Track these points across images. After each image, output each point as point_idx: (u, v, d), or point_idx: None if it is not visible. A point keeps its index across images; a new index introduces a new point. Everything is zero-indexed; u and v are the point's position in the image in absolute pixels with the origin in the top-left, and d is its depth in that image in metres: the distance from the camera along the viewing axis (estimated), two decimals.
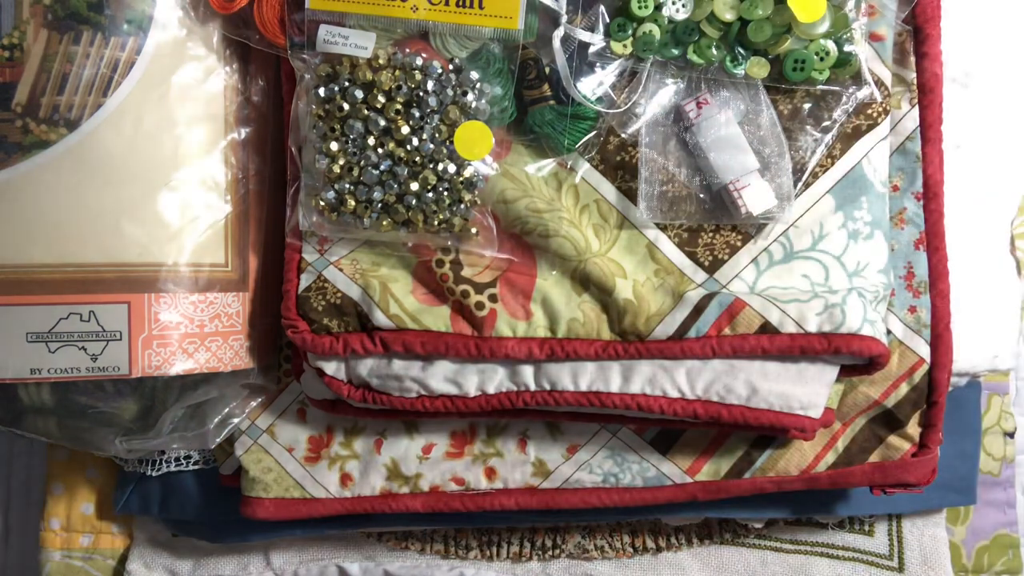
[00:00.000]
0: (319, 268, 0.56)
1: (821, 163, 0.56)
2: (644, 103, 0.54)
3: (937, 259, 0.60)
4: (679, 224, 0.56)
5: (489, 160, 0.54)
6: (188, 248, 0.54)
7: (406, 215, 0.54)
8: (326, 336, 0.55)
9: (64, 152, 0.52)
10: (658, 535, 0.69)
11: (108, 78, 0.52)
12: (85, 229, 0.52)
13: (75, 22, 0.52)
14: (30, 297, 0.52)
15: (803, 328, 0.54)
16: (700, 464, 0.61)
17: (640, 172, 0.55)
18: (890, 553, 0.69)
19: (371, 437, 0.61)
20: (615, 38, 0.53)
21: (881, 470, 0.61)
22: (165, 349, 0.54)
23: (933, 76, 0.58)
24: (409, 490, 0.62)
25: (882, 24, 0.56)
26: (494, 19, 0.52)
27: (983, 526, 0.73)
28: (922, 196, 0.60)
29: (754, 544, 0.69)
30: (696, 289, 0.55)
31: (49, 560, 0.70)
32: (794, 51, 0.53)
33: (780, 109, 0.55)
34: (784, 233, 0.56)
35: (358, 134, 0.53)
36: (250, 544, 0.69)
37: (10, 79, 0.51)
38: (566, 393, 0.55)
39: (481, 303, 0.55)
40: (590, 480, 0.61)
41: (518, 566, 0.69)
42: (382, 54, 0.53)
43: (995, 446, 0.73)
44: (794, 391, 0.55)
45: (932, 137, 0.59)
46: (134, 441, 0.57)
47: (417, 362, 0.56)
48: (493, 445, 0.61)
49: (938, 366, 0.60)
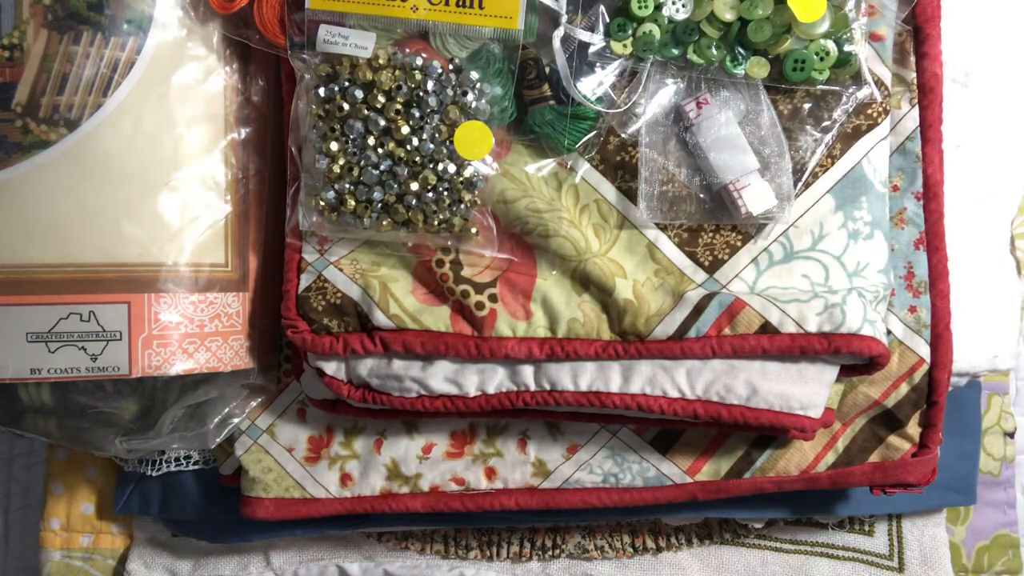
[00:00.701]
0: (319, 268, 0.56)
1: (821, 163, 0.56)
2: (644, 103, 0.54)
3: (937, 259, 0.60)
4: (679, 224, 0.56)
5: (489, 160, 0.54)
6: (188, 248, 0.54)
7: (406, 215, 0.54)
8: (326, 336, 0.55)
9: (64, 152, 0.52)
10: (658, 535, 0.69)
11: (108, 78, 0.52)
12: (85, 229, 0.52)
13: (75, 22, 0.52)
14: (30, 297, 0.52)
15: (803, 328, 0.54)
16: (700, 464, 0.61)
17: (640, 172, 0.55)
18: (890, 553, 0.69)
19: (371, 437, 0.61)
20: (615, 38, 0.53)
21: (881, 470, 0.61)
22: (165, 349, 0.54)
23: (933, 76, 0.58)
24: (409, 490, 0.62)
25: (882, 24, 0.56)
26: (494, 19, 0.52)
27: (983, 526, 0.73)
28: (922, 196, 0.60)
29: (754, 544, 0.69)
30: (696, 289, 0.55)
31: (49, 560, 0.70)
32: (794, 51, 0.53)
33: (780, 109, 0.55)
34: (784, 233, 0.56)
35: (358, 134, 0.53)
36: (250, 544, 0.69)
37: (10, 79, 0.51)
38: (566, 393, 0.55)
39: (481, 303, 0.55)
40: (590, 480, 0.61)
41: (518, 566, 0.69)
42: (382, 54, 0.53)
43: (995, 446, 0.73)
44: (794, 391, 0.55)
45: (932, 137, 0.59)
46: (134, 441, 0.57)
47: (417, 362, 0.56)
48: (493, 445, 0.61)
49: (938, 366, 0.60)
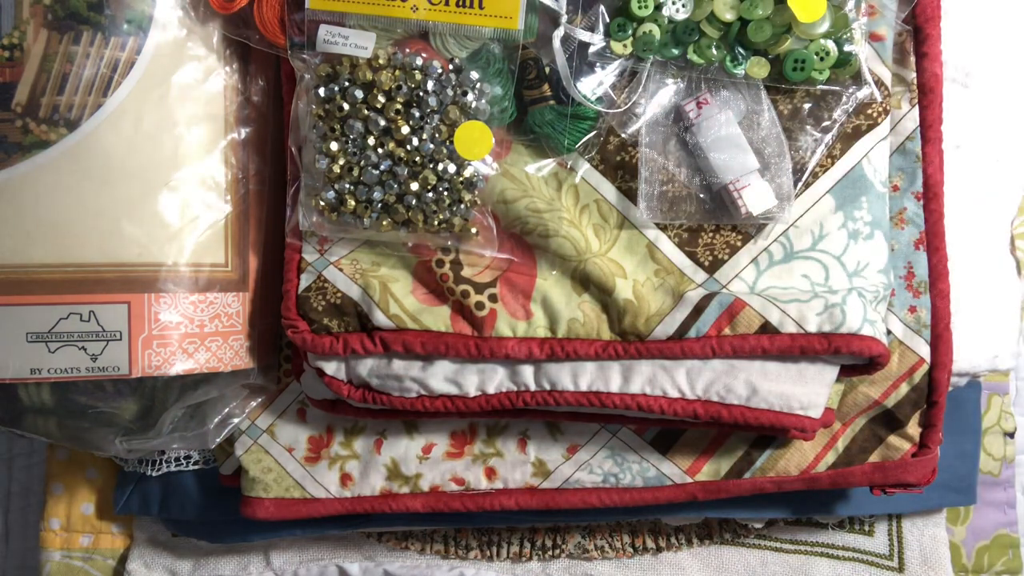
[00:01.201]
0: (319, 268, 0.56)
1: (821, 163, 0.55)
2: (644, 103, 0.54)
3: (937, 259, 0.60)
4: (679, 224, 0.56)
5: (489, 160, 0.54)
6: (188, 248, 0.54)
7: (406, 215, 0.54)
8: (326, 336, 0.55)
9: (64, 152, 0.52)
10: (658, 535, 0.69)
11: (108, 78, 0.52)
12: (85, 229, 0.52)
13: (75, 22, 0.52)
14: (30, 297, 0.52)
15: (803, 328, 0.54)
16: (700, 464, 0.61)
17: (640, 172, 0.55)
18: (890, 553, 0.69)
19: (371, 437, 0.61)
20: (615, 38, 0.53)
21: (881, 470, 0.61)
22: (165, 349, 0.54)
23: (933, 76, 0.58)
24: (409, 490, 0.62)
25: (882, 24, 0.56)
26: (494, 19, 0.52)
27: (983, 526, 0.73)
28: (922, 196, 0.60)
29: (754, 544, 0.69)
30: (696, 289, 0.55)
31: (49, 560, 0.70)
32: (794, 51, 0.53)
33: (780, 109, 0.55)
34: (784, 233, 0.56)
35: (358, 134, 0.53)
36: (250, 544, 0.69)
37: (10, 79, 0.51)
38: (566, 393, 0.55)
39: (481, 303, 0.55)
40: (590, 480, 0.61)
41: (518, 566, 0.69)
42: (382, 54, 0.53)
43: (995, 446, 0.73)
44: (794, 391, 0.55)
45: (932, 137, 0.59)
46: (134, 441, 0.57)
47: (417, 362, 0.56)
48: (493, 445, 0.61)
49: (938, 366, 0.59)
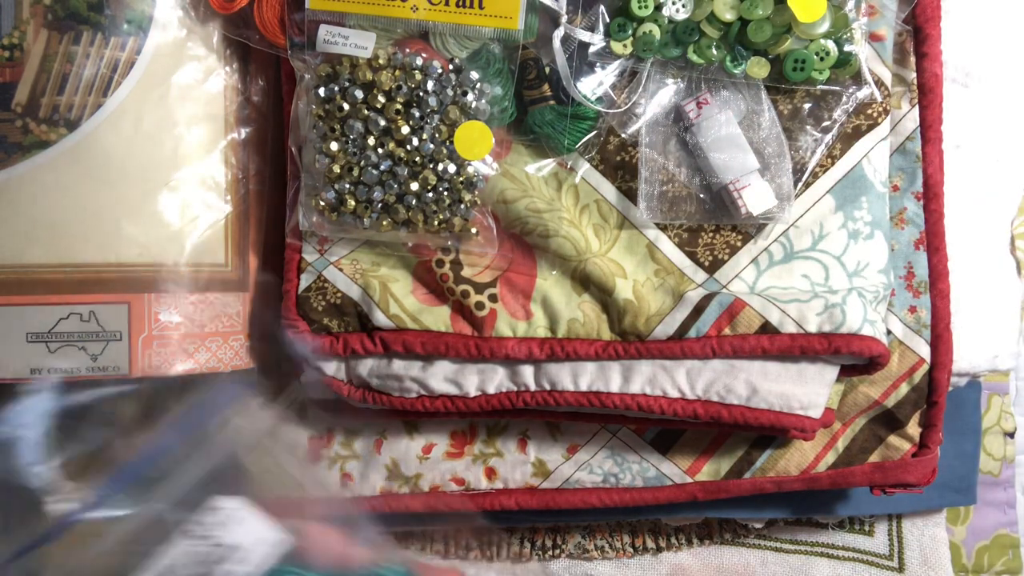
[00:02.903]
0: (319, 268, 0.56)
1: (821, 163, 0.55)
2: (644, 103, 0.54)
3: (937, 259, 0.60)
4: (679, 224, 0.56)
5: (489, 160, 0.54)
6: (188, 248, 0.54)
7: (406, 215, 0.54)
8: (326, 336, 0.55)
9: (64, 152, 0.52)
10: (658, 535, 0.69)
11: (108, 78, 0.52)
12: (85, 229, 0.52)
13: (75, 22, 0.52)
14: (30, 297, 0.52)
15: (803, 328, 0.54)
16: (700, 464, 0.61)
17: (640, 172, 0.55)
18: (890, 553, 0.69)
19: (371, 437, 0.61)
20: (615, 38, 0.53)
21: (881, 470, 0.61)
22: (165, 349, 0.53)
23: (933, 76, 0.58)
24: (409, 490, 0.62)
25: (882, 24, 0.56)
26: (494, 19, 0.52)
27: (983, 526, 0.73)
28: (922, 196, 0.60)
29: (754, 544, 0.69)
30: (696, 289, 0.55)
31: None
32: (794, 51, 0.53)
33: (780, 109, 0.55)
34: (784, 233, 0.56)
35: (358, 134, 0.53)
36: None
37: (10, 79, 0.51)
38: (566, 393, 0.55)
39: (481, 303, 0.55)
40: (590, 480, 0.61)
41: (518, 566, 0.69)
42: (382, 54, 0.53)
43: (995, 446, 0.73)
44: (794, 391, 0.55)
45: (932, 137, 0.59)
46: None
47: (417, 362, 0.56)
48: (493, 445, 0.61)
49: (938, 366, 0.59)
